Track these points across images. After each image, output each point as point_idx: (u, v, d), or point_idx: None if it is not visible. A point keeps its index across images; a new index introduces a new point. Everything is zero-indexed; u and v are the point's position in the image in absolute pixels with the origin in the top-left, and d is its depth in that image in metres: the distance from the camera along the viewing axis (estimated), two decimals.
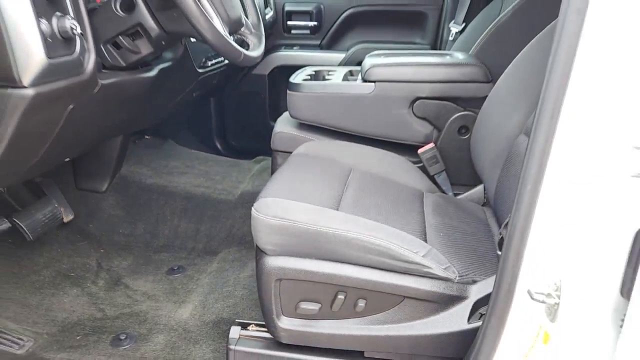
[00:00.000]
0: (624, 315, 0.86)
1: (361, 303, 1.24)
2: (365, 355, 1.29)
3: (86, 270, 1.84)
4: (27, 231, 1.66)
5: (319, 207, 1.30)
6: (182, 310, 1.61)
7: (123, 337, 1.50)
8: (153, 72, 1.57)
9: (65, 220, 1.86)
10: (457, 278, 1.23)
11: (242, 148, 2.89)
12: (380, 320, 1.25)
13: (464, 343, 1.19)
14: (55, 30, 1.05)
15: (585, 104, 0.85)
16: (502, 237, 1.12)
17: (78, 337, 1.50)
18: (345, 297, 1.23)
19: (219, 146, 2.95)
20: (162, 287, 1.75)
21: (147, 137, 2.42)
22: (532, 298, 0.94)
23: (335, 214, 1.30)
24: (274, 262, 1.24)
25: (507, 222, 1.08)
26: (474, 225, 1.53)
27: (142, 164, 2.19)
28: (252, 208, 1.27)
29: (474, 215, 1.61)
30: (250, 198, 2.05)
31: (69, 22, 1.06)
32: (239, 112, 2.92)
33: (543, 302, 0.94)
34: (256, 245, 1.30)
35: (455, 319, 1.22)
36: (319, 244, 1.21)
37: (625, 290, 0.87)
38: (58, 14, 1.07)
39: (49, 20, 1.04)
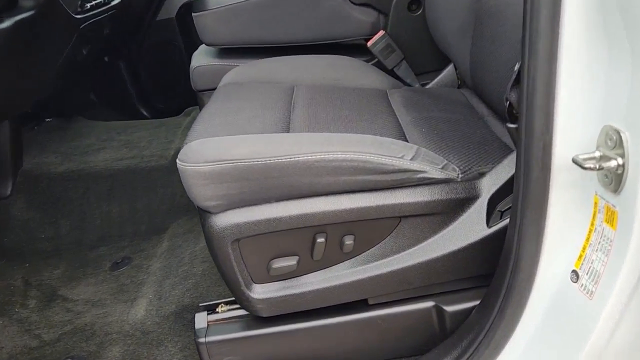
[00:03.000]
0: None
1: (348, 241, 0.94)
2: (371, 302, 1.01)
3: (11, 293, 1.49)
4: None
5: (261, 135, 0.98)
6: (136, 310, 1.29)
7: None
8: (5, 24, 1.18)
9: None
10: (460, 175, 0.94)
11: (169, 107, 2.50)
12: (377, 255, 0.97)
13: (490, 253, 0.92)
14: None
15: None
16: (509, 104, 0.83)
17: None
18: (326, 239, 0.94)
19: (144, 112, 2.55)
20: (108, 288, 1.43)
21: (47, 120, 2.01)
22: (583, 167, 0.66)
23: (285, 137, 0.98)
24: (222, 220, 0.92)
25: (513, 84, 0.80)
26: (457, 111, 1.24)
27: (47, 151, 1.80)
28: (177, 160, 0.95)
29: (452, 100, 1.32)
30: None
31: None
32: (156, 69, 2.51)
33: (599, 168, 0.66)
34: (198, 207, 0.98)
35: (470, 227, 0.94)
36: (275, 181, 0.90)
37: None
38: None
39: None
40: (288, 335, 1.00)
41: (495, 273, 0.88)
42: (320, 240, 0.94)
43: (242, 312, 1.04)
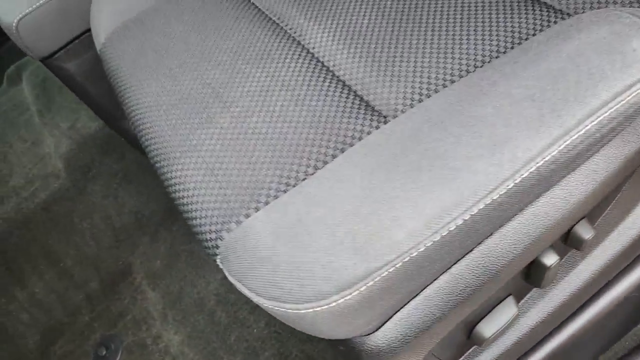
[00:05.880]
0: None
1: (586, 232, 0.51)
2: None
3: None
4: None
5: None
6: None
7: None
8: None
9: None
10: None
11: None
12: (618, 215, 0.55)
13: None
14: None
15: None
16: None
17: None
18: (558, 252, 0.50)
19: None
20: None
21: None
22: None
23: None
24: (384, 338, 0.46)
25: None
26: None
27: None
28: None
29: None
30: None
31: None
32: None
33: None
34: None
35: None
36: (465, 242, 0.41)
37: None
38: None
39: None
40: None
41: None
42: (550, 259, 0.50)
43: None
